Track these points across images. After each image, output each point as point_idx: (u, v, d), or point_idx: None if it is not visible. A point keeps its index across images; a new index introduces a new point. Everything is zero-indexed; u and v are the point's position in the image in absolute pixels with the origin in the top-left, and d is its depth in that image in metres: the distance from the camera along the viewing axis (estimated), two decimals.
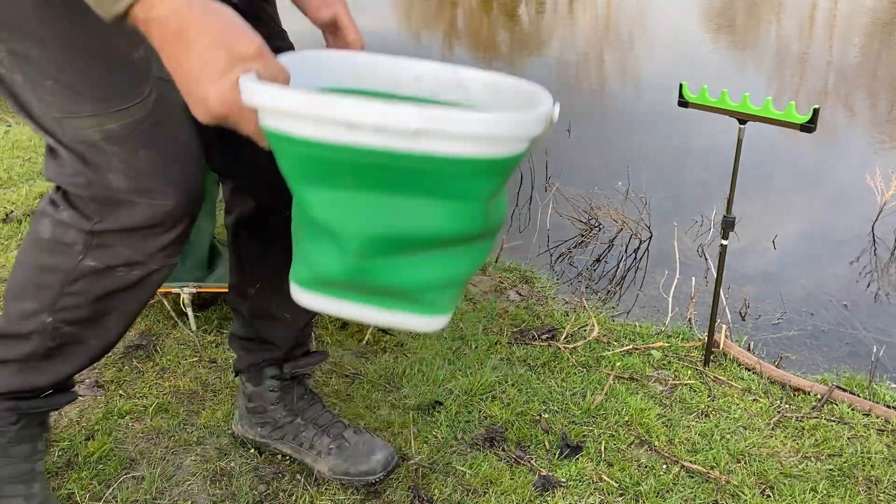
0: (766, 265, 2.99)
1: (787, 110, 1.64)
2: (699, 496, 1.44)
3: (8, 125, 3.59)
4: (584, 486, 1.45)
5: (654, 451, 1.57)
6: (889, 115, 4.94)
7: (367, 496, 1.38)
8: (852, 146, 4.37)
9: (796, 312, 2.58)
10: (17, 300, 1.10)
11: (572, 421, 1.64)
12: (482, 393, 1.70)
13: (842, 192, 3.66)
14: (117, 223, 0.99)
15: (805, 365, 2.22)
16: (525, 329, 2.04)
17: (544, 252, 3.01)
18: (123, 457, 1.44)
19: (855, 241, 3.14)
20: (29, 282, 1.08)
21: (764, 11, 8.80)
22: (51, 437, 1.42)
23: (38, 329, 1.09)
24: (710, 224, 3.19)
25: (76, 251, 1.02)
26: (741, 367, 1.94)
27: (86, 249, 1.02)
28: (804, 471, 1.54)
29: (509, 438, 1.56)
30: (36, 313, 1.08)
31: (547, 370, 1.84)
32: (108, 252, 1.02)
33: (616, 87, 5.76)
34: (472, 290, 2.30)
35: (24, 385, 1.14)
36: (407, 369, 1.78)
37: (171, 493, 1.36)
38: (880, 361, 2.17)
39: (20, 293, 1.09)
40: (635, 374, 1.86)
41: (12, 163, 2.87)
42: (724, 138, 3.72)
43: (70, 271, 1.04)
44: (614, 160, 3.94)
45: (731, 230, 1.82)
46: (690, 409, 1.73)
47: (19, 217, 2.38)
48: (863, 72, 5.94)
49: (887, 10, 8.21)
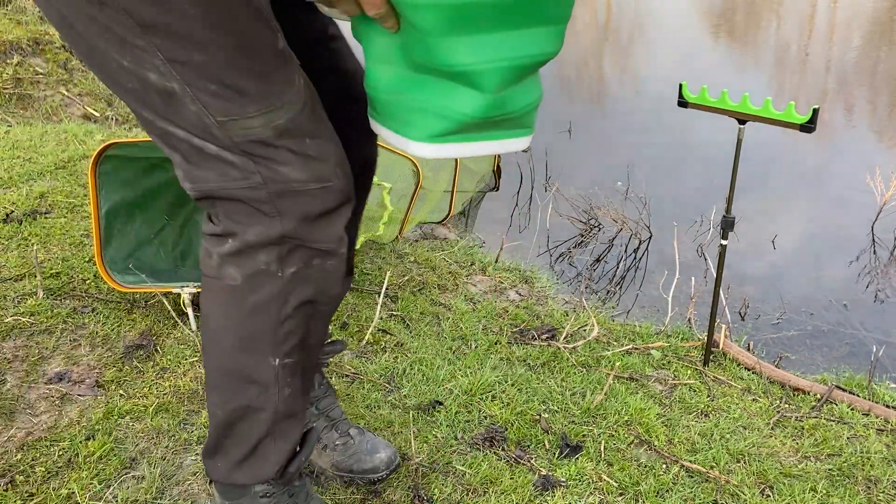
0: (766, 265, 2.99)
1: (786, 110, 1.64)
2: (699, 496, 1.44)
3: (8, 125, 3.59)
4: (584, 486, 1.45)
5: (654, 450, 1.57)
6: (889, 115, 4.94)
7: (367, 495, 1.38)
8: (852, 146, 4.37)
9: (796, 312, 2.59)
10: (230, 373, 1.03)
11: (572, 421, 1.64)
12: (482, 393, 1.70)
13: (842, 192, 3.66)
14: (300, 214, 0.96)
15: (805, 365, 2.22)
16: (525, 329, 2.05)
17: (544, 252, 3.02)
18: (124, 456, 1.44)
19: (855, 241, 3.15)
20: (237, 345, 1.01)
21: (764, 11, 8.80)
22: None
23: (268, 381, 1.02)
24: (710, 224, 3.20)
25: (273, 271, 0.97)
26: (741, 367, 1.94)
27: (281, 261, 0.97)
28: (804, 470, 1.54)
29: (509, 438, 1.57)
30: (257, 370, 1.02)
31: (547, 370, 1.85)
32: (303, 251, 0.98)
33: (616, 87, 5.76)
34: (472, 290, 2.30)
35: (291, 445, 1.09)
36: (407, 369, 1.79)
37: (171, 493, 1.36)
38: (880, 361, 2.17)
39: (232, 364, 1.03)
40: (635, 374, 1.86)
41: (12, 163, 2.87)
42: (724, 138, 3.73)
43: (279, 296, 0.98)
44: (614, 160, 3.95)
45: (730, 230, 1.82)
46: (690, 408, 1.73)
47: (19, 217, 2.38)
48: (863, 72, 5.93)
49: (887, 11, 8.21)
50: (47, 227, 2.34)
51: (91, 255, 2.19)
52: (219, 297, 1.01)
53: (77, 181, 2.73)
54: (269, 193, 0.94)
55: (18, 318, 1.84)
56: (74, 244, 2.25)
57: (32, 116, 3.86)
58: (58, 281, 2.03)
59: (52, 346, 1.77)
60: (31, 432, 1.49)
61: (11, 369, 1.68)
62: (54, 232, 2.32)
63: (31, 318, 1.85)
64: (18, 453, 1.42)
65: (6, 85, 3.96)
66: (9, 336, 1.79)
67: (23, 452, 1.43)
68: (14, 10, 4.70)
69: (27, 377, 1.65)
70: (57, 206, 2.50)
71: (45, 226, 2.35)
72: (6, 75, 4.00)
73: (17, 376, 1.66)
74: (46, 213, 2.44)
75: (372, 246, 2.45)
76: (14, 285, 1.99)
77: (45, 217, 2.41)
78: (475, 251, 2.64)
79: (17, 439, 1.46)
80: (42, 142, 3.16)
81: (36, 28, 4.48)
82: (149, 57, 0.86)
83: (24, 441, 1.46)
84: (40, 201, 2.53)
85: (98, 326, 1.86)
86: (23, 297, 1.94)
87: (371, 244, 2.46)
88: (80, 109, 4.04)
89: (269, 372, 1.02)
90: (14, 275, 2.04)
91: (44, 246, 2.22)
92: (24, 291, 1.96)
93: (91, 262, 2.14)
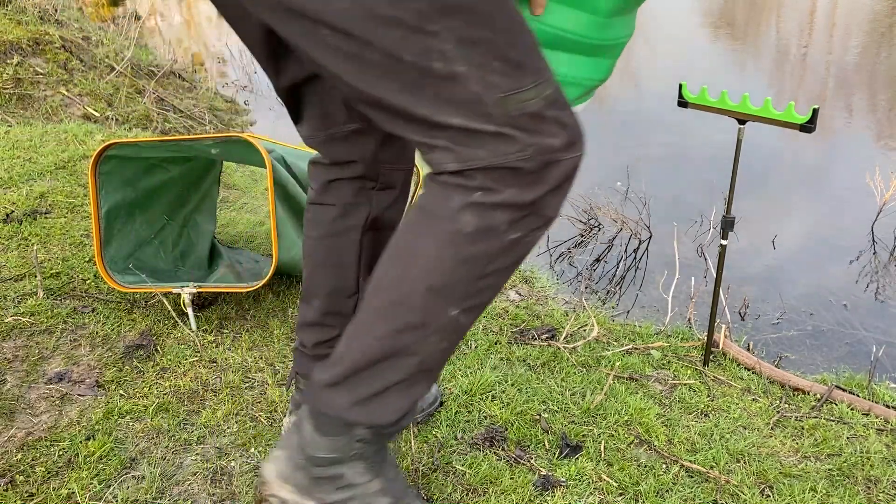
0: (766, 265, 2.99)
1: (786, 110, 1.64)
2: (698, 496, 1.44)
3: (8, 125, 3.59)
4: (584, 486, 1.45)
5: (654, 450, 1.57)
6: (889, 115, 4.94)
7: None
8: (852, 146, 4.37)
9: (796, 312, 2.59)
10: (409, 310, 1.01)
11: (572, 421, 1.64)
12: (482, 393, 1.70)
13: (842, 192, 3.66)
14: (553, 183, 0.97)
15: (804, 365, 2.22)
16: (525, 329, 2.05)
17: (544, 252, 3.02)
18: (124, 456, 1.44)
19: (855, 241, 3.15)
20: (432, 287, 1.00)
21: (764, 11, 8.80)
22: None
23: (437, 329, 1.02)
24: (710, 224, 3.20)
25: (501, 230, 0.97)
26: (741, 367, 1.94)
27: (511, 225, 0.97)
28: (803, 470, 1.54)
29: (509, 438, 1.57)
30: (436, 315, 1.01)
31: (547, 370, 1.85)
32: (533, 218, 0.98)
33: (616, 87, 5.76)
34: None
35: (413, 401, 1.08)
36: None
37: (171, 493, 1.37)
38: (880, 361, 2.17)
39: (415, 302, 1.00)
40: (635, 374, 1.86)
41: (12, 163, 2.87)
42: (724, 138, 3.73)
43: (492, 255, 0.98)
44: (614, 160, 3.95)
45: (730, 230, 1.82)
46: (690, 408, 1.73)
47: (19, 217, 2.38)
48: (863, 72, 5.94)
49: (887, 10, 8.21)
50: (47, 227, 2.34)
51: (91, 255, 2.19)
52: (438, 238, 0.99)
53: (77, 181, 2.73)
54: (538, 163, 0.94)
55: (18, 318, 1.84)
56: (74, 244, 2.26)
57: (32, 116, 3.86)
58: (58, 281, 2.03)
59: (52, 346, 1.77)
60: (31, 432, 1.49)
61: (11, 369, 1.68)
62: (54, 232, 2.32)
63: (31, 318, 1.85)
64: (18, 453, 1.42)
65: (6, 85, 3.96)
66: (9, 336, 1.79)
67: (23, 452, 1.43)
68: (14, 10, 4.70)
69: (27, 377, 1.65)
70: (57, 206, 2.50)
71: (45, 226, 2.35)
72: (6, 75, 4.00)
73: (17, 376, 1.66)
74: (46, 213, 2.44)
75: None
76: (14, 285, 1.99)
77: (45, 217, 2.42)
78: None
79: (17, 439, 1.46)
80: (42, 142, 3.16)
81: (36, 28, 4.48)
82: (438, 43, 0.86)
83: (24, 441, 1.46)
84: (40, 201, 2.53)
85: (98, 326, 1.86)
86: (23, 297, 1.94)
87: None
88: (80, 109, 4.04)
89: (443, 321, 1.02)
90: (14, 275, 2.04)
91: (44, 246, 2.22)
92: (24, 291, 1.97)
93: (91, 262, 2.14)
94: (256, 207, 2.80)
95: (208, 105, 4.77)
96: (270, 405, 1.61)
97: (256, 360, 1.78)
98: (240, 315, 1.98)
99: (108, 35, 5.09)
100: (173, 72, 5.02)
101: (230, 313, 1.98)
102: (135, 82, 4.50)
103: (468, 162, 0.94)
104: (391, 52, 0.87)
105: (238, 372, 1.72)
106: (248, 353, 1.80)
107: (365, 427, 1.06)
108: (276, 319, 1.96)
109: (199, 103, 4.71)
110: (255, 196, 2.94)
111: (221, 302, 2.02)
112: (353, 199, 1.29)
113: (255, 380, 1.70)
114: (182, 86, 4.98)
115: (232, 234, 2.51)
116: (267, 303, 2.04)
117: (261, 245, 2.43)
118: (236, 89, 5.52)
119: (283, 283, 2.15)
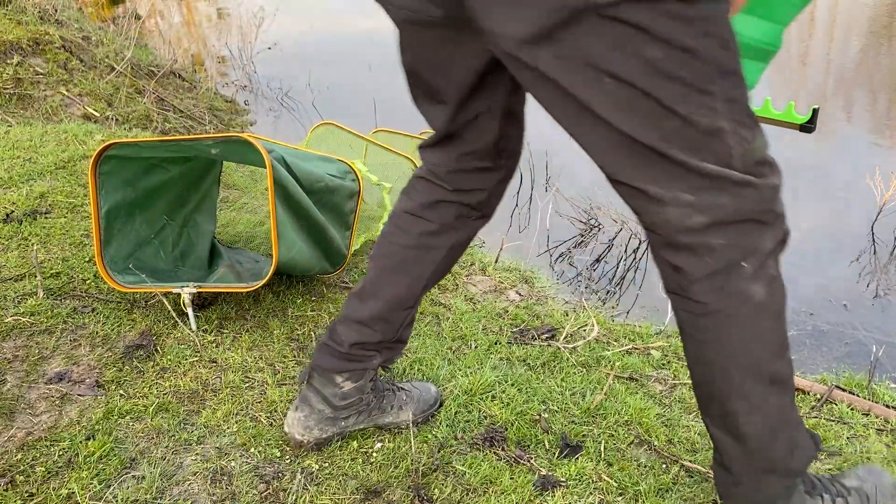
0: None
1: (786, 110, 1.64)
2: (698, 496, 1.44)
3: (8, 125, 3.59)
4: (584, 486, 1.45)
5: (654, 450, 1.57)
6: (889, 115, 4.94)
7: (366, 495, 1.38)
8: (852, 146, 4.37)
9: (796, 312, 2.58)
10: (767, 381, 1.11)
11: (572, 421, 1.64)
12: (482, 393, 1.70)
13: (841, 192, 3.66)
14: (783, 212, 1.07)
15: (805, 365, 2.22)
16: (525, 329, 2.05)
17: (544, 252, 3.02)
18: (124, 456, 1.44)
19: (855, 241, 3.15)
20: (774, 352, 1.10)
21: None
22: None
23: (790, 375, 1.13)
24: None
25: (777, 273, 1.07)
26: None
27: (776, 261, 1.07)
28: None
29: (509, 438, 1.57)
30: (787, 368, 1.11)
31: (547, 370, 1.85)
32: (781, 246, 1.09)
33: None
34: (471, 290, 2.30)
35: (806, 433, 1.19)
36: (406, 369, 1.79)
37: (171, 493, 1.37)
38: (880, 361, 2.17)
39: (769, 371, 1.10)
40: (635, 374, 1.86)
41: (12, 163, 2.87)
42: None
43: (785, 293, 1.09)
44: None
45: None
46: (690, 408, 1.73)
47: (19, 217, 2.38)
48: (863, 72, 5.94)
49: (887, 11, 8.21)
50: (47, 227, 2.34)
51: (91, 255, 2.19)
52: (745, 317, 1.07)
53: (77, 181, 2.73)
54: (772, 204, 1.04)
55: (18, 318, 1.85)
56: (74, 244, 2.26)
57: (32, 116, 3.86)
58: (58, 281, 2.03)
59: (52, 346, 1.77)
60: (31, 432, 1.49)
61: (11, 369, 1.68)
62: (54, 232, 2.32)
63: (31, 318, 1.85)
64: (18, 453, 1.42)
65: (6, 85, 3.96)
66: (9, 336, 1.79)
67: (23, 452, 1.43)
68: (14, 10, 4.70)
69: (27, 377, 1.65)
70: (57, 206, 2.50)
71: (45, 226, 2.35)
72: (6, 75, 4.00)
73: (17, 376, 1.66)
74: (46, 213, 2.44)
75: (372, 246, 2.45)
76: (14, 285, 1.99)
77: (45, 217, 2.42)
78: (475, 251, 2.64)
79: (17, 439, 1.46)
80: (42, 142, 3.16)
81: (36, 28, 4.48)
82: (709, 101, 0.95)
83: (24, 441, 1.46)
84: (40, 201, 2.53)
85: (98, 326, 1.86)
86: (23, 297, 1.94)
87: (371, 244, 2.46)
88: (80, 109, 4.04)
89: (790, 366, 1.12)
90: (14, 275, 2.04)
91: (44, 246, 2.22)
92: (24, 291, 1.97)
93: (91, 262, 2.14)
94: (256, 207, 2.80)
95: (208, 105, 4.77)
96: (270, 405, 1.61)
97: (256, 360, 1.78)
98: (240, 315, 1.98)
99: (108, 35, 5.09)
100: (173, 72, 5.02)
101: (230, 313, 1.98)
102: (135, 82, 4.50)
103: (713, 212, 1.01)
104: (666, 103, 0.94)
105: (238, 372, 1.72)
106: (248, 353, 1.80)
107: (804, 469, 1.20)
108: (276, 319, 1.96)
109: (199, 103, 4.71)
110: (255, 196, 2.94)
111: (221, 302, 2.02)
112: (453, 221, 1.36)
113: (255, 380, 1.71)
114: (182, 86, 4.98)
115: (232, 234, 2.51)
116: (267, 303, 2.04)
117: (261, 245, 2.43)
118: (236, 89, 5.52)
119: (283, 283, 2.15)
